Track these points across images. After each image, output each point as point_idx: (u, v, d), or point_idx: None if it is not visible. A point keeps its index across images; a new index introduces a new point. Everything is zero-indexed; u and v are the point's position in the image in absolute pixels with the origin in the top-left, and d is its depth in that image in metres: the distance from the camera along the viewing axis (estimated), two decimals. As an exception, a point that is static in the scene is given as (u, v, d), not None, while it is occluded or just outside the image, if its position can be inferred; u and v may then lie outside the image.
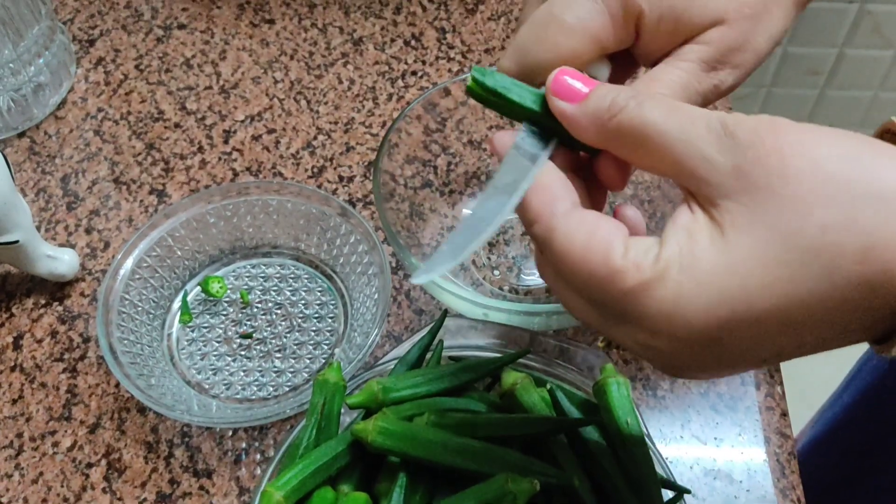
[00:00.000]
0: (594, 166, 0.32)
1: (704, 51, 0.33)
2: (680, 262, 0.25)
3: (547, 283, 0.31)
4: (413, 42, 0.65)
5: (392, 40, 0.66)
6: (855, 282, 0.24)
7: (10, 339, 0.51)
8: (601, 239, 0.27)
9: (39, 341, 0.51)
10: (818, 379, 1.34)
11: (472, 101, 0.57)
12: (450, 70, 0.64)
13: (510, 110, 0.32)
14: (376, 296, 0.48)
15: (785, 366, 0.51)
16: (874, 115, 1.33)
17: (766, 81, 1.27)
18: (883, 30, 1.18)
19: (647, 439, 0.38)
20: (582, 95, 0.29)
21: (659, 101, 0.28)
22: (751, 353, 0.26)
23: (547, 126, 0.31)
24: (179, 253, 0.52)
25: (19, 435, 0.48)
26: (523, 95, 0.31)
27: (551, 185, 0.29)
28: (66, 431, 0.48)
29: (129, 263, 0.49)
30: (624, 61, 0.35)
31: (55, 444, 0.47)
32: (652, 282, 0.26)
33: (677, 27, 0.33)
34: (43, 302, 0.52)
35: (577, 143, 0.31)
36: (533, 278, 0.54)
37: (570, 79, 0.30)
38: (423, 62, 0.64)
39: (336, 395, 0.40)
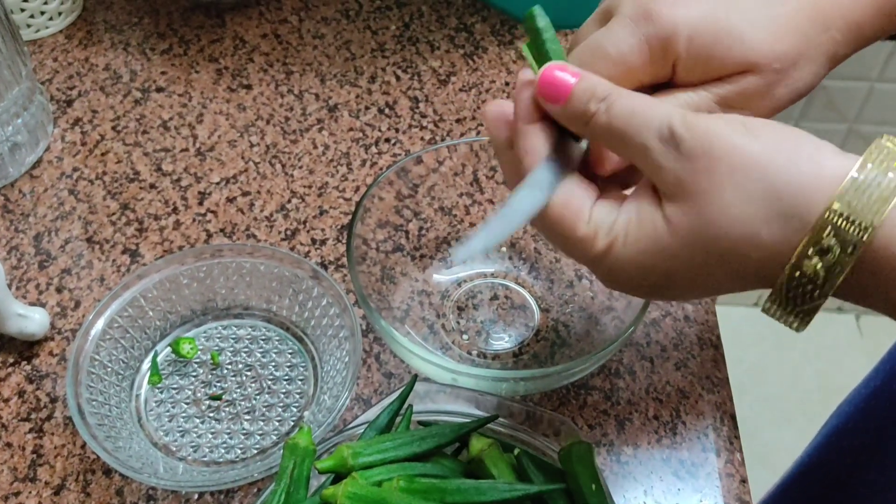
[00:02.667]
0: None
1: (726, 89, 0.37)
2: (625, 239, 0.34)
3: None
4: (387, 110, 0.67)
5: (366, 108, 0.67)
6: (751, 276, 0.33)
7: (-25, 399, 0.51)
8: (572, 208, 0.35)
9: (6, 401, 0.51)
10: (777, 443, 1.36)
11: (442, 169, 0.59)
12: (422, 138, 0.66)
13: (538, 53, 0.38)
14: (347, 359, 0.49)
15: (744, 431, 0.52)
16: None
17: (727, 150, 1.31)
18: (836, 104, 1.23)
19: (610, 506, 0.39)
20: (565, 96, 0.34)
21: (623, 106, 0.33)
22: (668, 295, 0.36)
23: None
24: (151, 313, 0.52)
25: (-19, 497, 0.47)
26: (554, 49, 0.37)
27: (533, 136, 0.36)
28: (30, 493, 0.47)
29: (100, 324, 0.49)
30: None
31: (18, 507, 0.47)
32: (602, 252, 0.34)
33: (710, 69, 0.37)
34: (11, 361, 0.52)
35: None
36: (500, 343, 0.55)
37: (555, 75, 0.35)
38: (397, 130, 0.66)
39: (306, 459, 0.41)
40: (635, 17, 0.36)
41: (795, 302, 0.32)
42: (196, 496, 0.47)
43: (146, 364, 0.52)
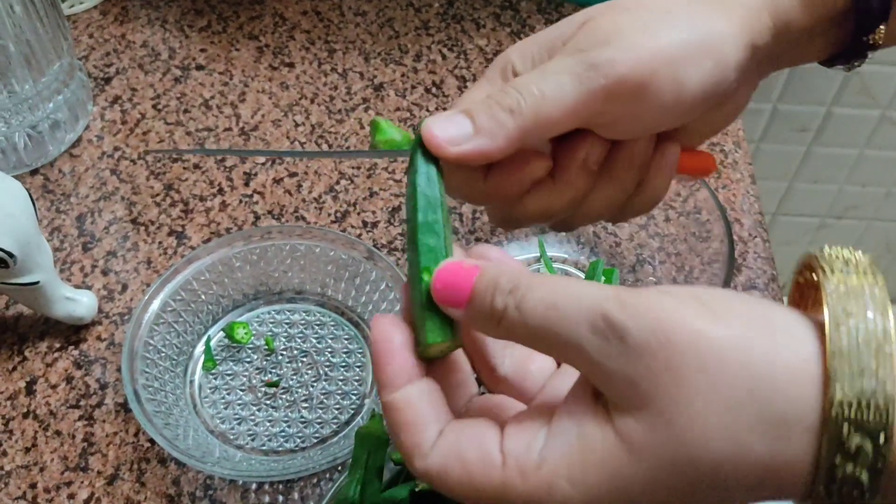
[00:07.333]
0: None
1: (572, 42, 0.32)
2: (568, 473, 0.24)
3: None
4: (434, 90, 0.65)
5: (413, 87, 0.65)
6: None
7: (22, 384, 0.49)
8: (475, 459, 0.25)
9: (54, 387, 0.49)
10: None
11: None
12: (472, 118, 0.64)
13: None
14: (410, 345, 0.47)
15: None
16: (859, 172, 1.35)
17: (756, 137, 1.29)
18: (870, 89, 1.21)
19: None
20: (465, 297, 0.27)
21: (535, 299, 0.25)
22: None
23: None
24: (204, 297, 0.50)
25: (33, 486, 0.45)
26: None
27: (416, 419, 0.27)
28: (82, 483, 0.45)
29: (154, 307, 0.47)
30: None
31: (71, 497, 0.45)
32: (541, 495, 0.24)
33: (547, 49, 0.33)
34: (58, 345, 0.50)
35: None
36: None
37: (450, 273, 0.27)
38: (445, 109, 0.64)
39: (379, 449, 0.39)
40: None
41: None
42: (254, 486, 0.46)
43: (199, 349, 0.50)
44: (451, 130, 0.31)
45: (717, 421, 0.23)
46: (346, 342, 0.51)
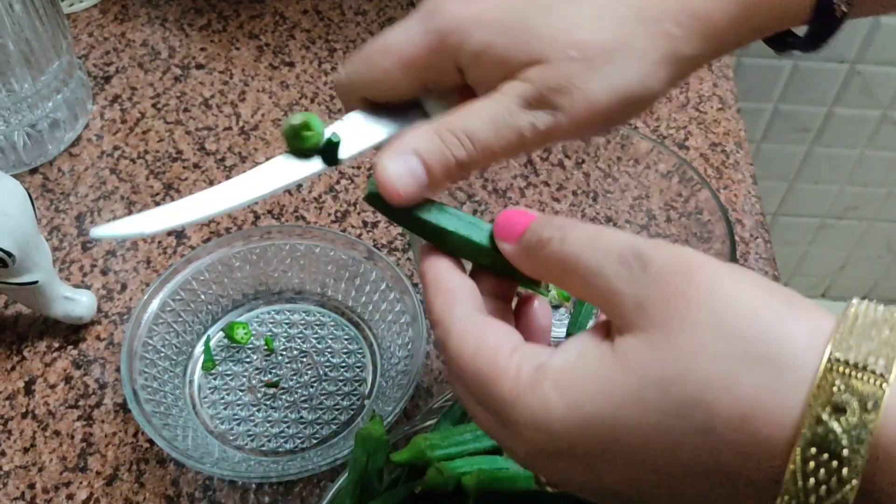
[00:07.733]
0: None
1: (522, 87, 0.32)
2: (557, 378, 0.25)
3: (456, 395, 0.30)
4: (435, 89, 0.65)
5: (413, 86, 0.65)
6: (729, 447, 0.23)
7: (21, 384, 0.49)
8: (491, 340, 0.28)
9: (53, 387, 0.49)
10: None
11: (497, 150, 0.57)
12: (472, 118, 0.63)
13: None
14: (410, 345, 0.47)
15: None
16: (860, 173, 1.35)
17: (757, 137, 1.29)
18: (872, 90, 1.21)
19: None
20: (520, 231, 0.30)
21: (580, 234, 0.28)
22: (625, 485, 0.26)
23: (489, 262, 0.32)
24: (203, 297, 0.50)
25: (31, 486, 0.45)
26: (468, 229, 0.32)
27: (454, 290, 0.30)
28: (81, 483, 0.45)
29: (153, 307, 0.47)
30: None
31: (70, 497, 0.45)
32: (525, 390, 0.26)
33: (498, 64, 0.33)
34: (56, 345, 0.50)
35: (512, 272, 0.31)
36: (561, 332, 0.53)
37: (513, 213, 0.31)
38: (446, 109, 0.64)
39: (379, 450, 0.39)
40: (423, 13, 0.33)
41: (816, 492, 0.23)
42: (254, 486, 0.45)
43: (198, 349, 0.50)
44: (407, 183, 0.31)
45: (713, 347, 0.24)
46: (345, 342, 0.51)
